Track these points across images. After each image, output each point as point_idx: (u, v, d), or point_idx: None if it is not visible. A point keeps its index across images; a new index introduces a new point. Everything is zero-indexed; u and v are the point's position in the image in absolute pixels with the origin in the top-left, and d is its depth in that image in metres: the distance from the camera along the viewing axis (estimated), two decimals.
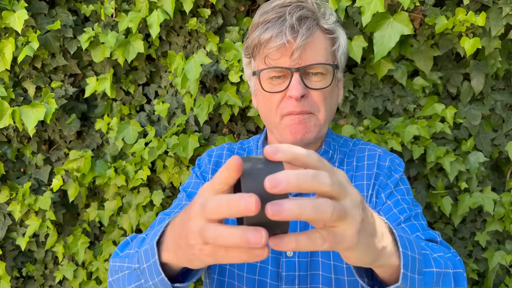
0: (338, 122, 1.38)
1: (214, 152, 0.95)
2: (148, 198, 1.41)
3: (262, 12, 0.80)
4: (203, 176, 0.91)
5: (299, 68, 0.76)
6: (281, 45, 0.74)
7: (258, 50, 0.80)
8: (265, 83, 0.81)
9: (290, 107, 0.78)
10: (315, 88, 0.78)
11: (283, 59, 0.76)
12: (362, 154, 0.90)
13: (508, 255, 1.36)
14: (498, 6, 1.18)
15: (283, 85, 0.78)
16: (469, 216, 1.41)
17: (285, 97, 0.79)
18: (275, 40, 0.75)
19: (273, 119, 0.82)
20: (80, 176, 1.40)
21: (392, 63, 1.28)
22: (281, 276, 0.79)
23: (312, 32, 0.76)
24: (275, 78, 0.79)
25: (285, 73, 0.78)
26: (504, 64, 1.29)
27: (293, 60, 0.76)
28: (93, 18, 1.41)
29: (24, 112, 1.33)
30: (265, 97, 0.82)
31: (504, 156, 1.37)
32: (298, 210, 0.36)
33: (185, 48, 1.41)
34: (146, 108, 1.46)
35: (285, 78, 0.79)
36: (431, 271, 0.57)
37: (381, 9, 1.13)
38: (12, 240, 1.49)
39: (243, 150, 0.96)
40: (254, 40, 0.79)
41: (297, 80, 0.76)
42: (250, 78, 0.88)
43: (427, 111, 1.31)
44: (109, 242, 1.47)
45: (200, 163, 0.95)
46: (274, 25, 0.76)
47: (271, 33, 0.75)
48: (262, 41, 0.77)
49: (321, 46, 0.79)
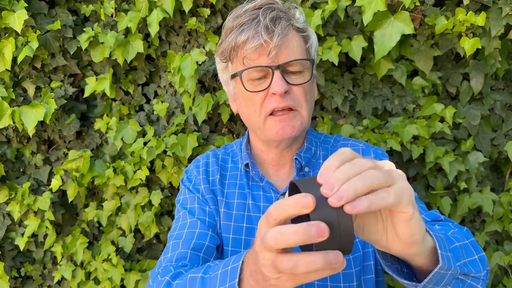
0: (337, 122, 1.38)
1: (201, 161, 0.95)
2: (146, 198, 1.41)
3: (234, 16, 0.82)
4: (196, 189, 0.91)
5: (279, 65, 0.77)
6: (258, 45, 0.76)
7: (235, 53, 0.81)
8: (246, 84, 0.81)
9: (274, 103, 0.79)
10: (296, 84, 0.80)
11: (262, 59, 0.78)
12: None
13: (506, 256, 1.35)
14: (498, 6, 1.18)
15: (264, 84, 0.80)
16: (468, 217, 1.41)
17: (267, 95, 0.80)
18: (252, 41, 0.76)
19: (257, 119, 0.82)
20: (79, 176, 1.40)
21: (391, 63, 1.28)
22: None
23: (287, 32, 0.78)
24: (256, 79, 0.80)
25: (266, 72, 0.79)
26: (504, 64, 1.29)
27: (271, 59, 0.77)
28: (93, 18, 1.41)
29: (24, 112, 1.33)
30: (247, 98, 0.82)
31: (504, 156, 1.37)
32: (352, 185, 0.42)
33: (185, 48, 1.41)
34: (145, 107, 1.46)
35: (265, 78, 0.80)
36: (455, 246, 0.61)
37: (382, 8, 1.13)
38: (11, 240, 1.49)
39: (227, 155, 0.97)
40: (230, 44, 0.80)
41: (279, 77, 0.77)
42: (228, 82, 0.89)
43: (427, 111, 1.31)
44: (108, 242, 1.46)
45: (189, 176, 0.94)
46: (249, 27, 0.78)
47: (247, 34, 0.77)
48: (239, 43, 0.78)
49: (296, 43, 0.81)
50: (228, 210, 0.87)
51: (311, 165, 0.88)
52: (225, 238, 0.85)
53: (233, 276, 0.56)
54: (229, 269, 0.57)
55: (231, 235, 0.84)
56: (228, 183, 0.90)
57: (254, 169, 0.88)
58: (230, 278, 0.56)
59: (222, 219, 0.86)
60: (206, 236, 0.81)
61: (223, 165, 0.94)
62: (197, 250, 0.78)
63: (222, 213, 0.87)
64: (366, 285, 0.80)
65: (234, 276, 0.55)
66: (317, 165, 0.89)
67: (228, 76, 0.87)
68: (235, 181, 0.90)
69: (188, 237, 0.80)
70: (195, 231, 0.82)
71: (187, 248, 0.78)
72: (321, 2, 1.25)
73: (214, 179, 0.91)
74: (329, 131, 1.33)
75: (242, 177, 0.90)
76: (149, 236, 1.45)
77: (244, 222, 0.85)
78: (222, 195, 0.89)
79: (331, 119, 1.38)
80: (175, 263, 0.76)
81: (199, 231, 0.82)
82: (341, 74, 1.37)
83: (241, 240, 0.84)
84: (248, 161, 0.88)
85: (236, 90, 0.87)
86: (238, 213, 0.86)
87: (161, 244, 1.53)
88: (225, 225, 0.86)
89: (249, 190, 0.88)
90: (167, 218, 1.47)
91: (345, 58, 1.34)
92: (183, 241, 0.80)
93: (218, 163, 0.93)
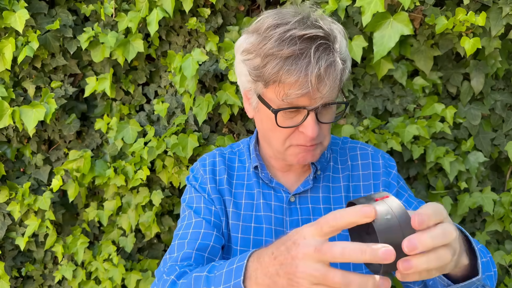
0: (338, 122, 1.38)
1: (207, 160, 0.94)
2: (147, 198, 1.41)
3: (278, 39, 0.69)
4: (202, 188, 0.90)
5: (316, 108, 0.71)
6: (306, 92, 0.68)
7: (274, 84, 0.71)
8: (278, 116, 0.74)
9: (301, 141, 0.75)
10: (326, 122, 0.76)
11: (303, 99, 0.70)
12: (354, 153, 0.92)
13: (507, 255, 1.35)
14: (498, 6, 1.18)
15: (295, 119, 0.74)
16: (468, 216, 1.41)
17: (296, 130, 0.75)
18: (300, 87, 0.68)
19: (279, 145, 0.79)
20: (79, 176, 1.40)
21: (392, 63, 1.28)
22: (285, 221, 0.84)
23: (335, 76, 0.70)
24: (288, 111, 0.73)
25: (301, 109, 0.73)
26: (504, 64, 1.29)
27: (312, 101, 0.71)
28: (93, 18, 1.41)
29: (24, 112, 1.33)
30: (274, 126, 0.76)
31: (504, 156, 1.37)
32: (425, 264, 0.45)
33: (185, 48, 1.41)
34: (145, 107, 1.46)
35: (298, 113, 0.74)
36: (483, 261, 0.66)
37: (381, 9, 1.13)
38: (11, 240, 1.49)
39: (234, 154, 0.96)
40: (271, 74, 0.69)
41: (313, 120, 0.72)
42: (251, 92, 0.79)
43: (427, 111, 1.31)
44: (109, 242, 1.47)
45: (196, 175, 0.93)
46: (298, 67, 0.67)
47: (295, 77, 0.67)
48: (284, 81, 0.69)
49: (336, 80, 0.72)
50: (237, 210, 0.87)
51: (323, 167, 0.89)
52: (233, 237, 0.85)
53: (238, 274, 0.58)
54: (234, 268, 0.59)
55: (240, 235, 0.85)
56: (236, 183, 0.91)
57: (264, 171, 0.89)
58: (235, 276, 0.58)
59: (231, 219, 0.87)
60: (211, 236, 0.82)
61: (230, 165, 0.94)
62: (202, 250, 0.79)
63: (230, 212, 0.87)
64: None
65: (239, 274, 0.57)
66: (327, 168, 0.90)
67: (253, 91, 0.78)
68: (243, 182, 0.91)
69: (193, 237, 0.81)
70: (200, 231, 0.82)
71: (192, 249, 0.78)
72: (322, 2, 1.25)
73: (222, 179, 0.91)
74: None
75: (250, 177, 0.90)
76: (150, 236, 1.45)
77: (252, 222, 0.86)
78: (230, 195, 0.89)
79: None
80: (180, 263, 0.77)
81: (204, 231, 0.82)
82: None
83: (250, 239, 0.85)
84: (258, 163, 0.89)
85: (259, 106, 0.79)
86: (246, 213, 0.87)
87: (162, 244, 1.53)
88: (234, 224, 0.86)
89: (259, 190, 0.88)
90: (168, 218, 1.47)
91: None
92: (188, 241, 0.80)
93: (225, 163, 0.93)
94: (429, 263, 0.45)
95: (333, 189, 0.88)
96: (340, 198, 0.87)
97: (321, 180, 0.88)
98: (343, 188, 0.87)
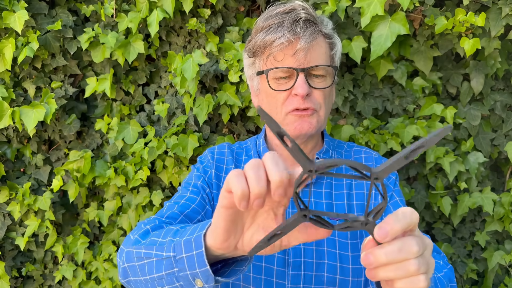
0: (338, 122, 1.38)
1: (216, 150, 0.98)
2: (147, 198, 1.41)
3: (265, 17, 0.86)
4: (205, 170, 0.92)
5: (304, 68, 0.81)
6: (284, 45, 0.80)
7: (262, 51, 0.85)
8: (271, 82, 0.85)
9: (295, 103, 0.83)
10: (318, 88, 0.84)
11: (287, 60, 0.82)
12: (359, 156, 0.96)
13: (507, 255, 1.36)
14: (498, 6, 1.18)
15: (288, 84, 0.84)
16: (468, 216, 1.42)
17: (290, 95, 0.84)
18: (279, 41, 0.80)
19: (277, 116, 0.86)
20: (80, 177, 1.40)
21: (391, 64, 1.28)
22: (288, 262, 0.82)
23: (315, 36, 0.82)
24: (281, 78, 0.84)
25: (291, 73, 0.83)
26: (504, 64, 1.29)
27: (297, 61, 0.81)
28: (93, 18, 1.41)
29: (24, 112, 1.33)
30: (270, 95, 0.86)
31: (504, 157, 1.37)
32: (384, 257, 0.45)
33: (185, 48, 1.41)
34: (146, 108, 1.46)
35: (289, 78, 0.84)
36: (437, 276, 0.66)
37: (380, 12, 1.14)
38: (11, 240, 1.49)
39: (241, 149, 0.99)
40: (257, 42, 0.85)
41: (303, 80, 0.82)
42: (253, 78, 0.92)
43: (426, 111, 1.32)
44: (109, 242, 1.47)
45: (202, 159, 0.97)
46: (278, 28, 0.82)
47: (275, 35, 0.81)
48: (267, 42, 0.82)
49: (322, 50, 0.85)
50: None
51: None
52: None
53: (203, 226, 0.56)
54: (202, 223, 0.59)
55: None
56: None
57: None
58: (200, 228, 0.57)
59: None
60: (199, 214, 0.82)
61: (237, 158, 0.97)
62: (189, 219, 0.79)
63: None
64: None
65: (204, 226, 0.56)
66: None
67: (254, 71, 0.91)
68: None
69: (184, 205, 0.81)
70: (191, 205, 0.82)
71: (181, 212, 0.78)
72: (321, 3, 1.25)
73: (229, 168, 0.93)
74: (329, 131, 1.33)
75: None
76: None
77: None
78: None
79: (331, 120, 1.38)
80: (165, 219, 0.76)
81: (194, 206, 0.82)
82: (341, 74, 1.37)
83: None
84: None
85: (260, 86, 0.90)
86: None
87: None
88: None
89: None
90: None
91: (345, 59, 1.34)
92: (178, 206, 0.80)
93: (233, 155, 0.96)
94: (390, 274, 0.45)
95: (335, 186, 0.90)
96: (342, 195, 0.89)
97: (325, 177, 0.90)
98: (345, 186, 0.90)
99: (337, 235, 0.83)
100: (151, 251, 0.62)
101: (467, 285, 1.44)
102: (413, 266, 0.44)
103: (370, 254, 0.45)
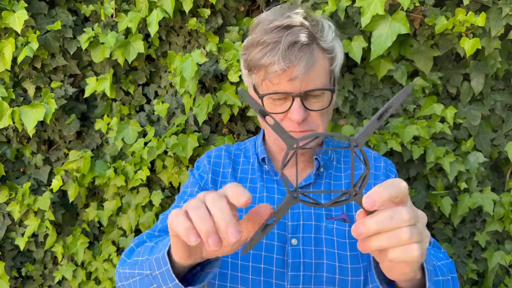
0: (338, 122, 1.38)
1: (213, 153, 0.98)
2: (147, 198, 1.41)
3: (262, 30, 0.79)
4: (201, 176, 0.92)
5: (300, 94, 0.77)
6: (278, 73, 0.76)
7: (258, 70, 0.80)
8: (266, 102, 0.82)
9: (290, 127, 0.80)
10: (315, 110, 0.81)
11: (283, 84, 0.77)
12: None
13: (507, 255, 1.36)
14: (498, 6, 1.18)
15: (284, 106, 0.80)
16: (468, 216, 1.41)
17: (286, 117, 0.81)
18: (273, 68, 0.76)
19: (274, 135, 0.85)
20: (79, 177, 1.40)
21: (392, 63, 1.28)
22: (287, 263, 0.82)
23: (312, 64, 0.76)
24: (276, 99, 0.81)
25: (286, 95, 0.79)
26: (504, 64, 1.29)
27: (293, 87, 0.77)
28: (93, 18, 1.41)
29: (24, 112, 1.33)
30: None
31: (504, 157, 1.37)
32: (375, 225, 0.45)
33: (185, 48, 1.41)
34: (145, 108, 1.46)
35: (286, 100, 0.80)
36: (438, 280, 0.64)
37: (381, 11, 1.13)
38: (11, 240, 1.49)
39: (240, 150, 0.99)
40: (253, 60, 0.79)
41: (299, 105, 0.78)
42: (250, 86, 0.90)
43: (426, 111, 1.31)
44: (109, 242, 1.47)
45: (199, 164, 0.97)
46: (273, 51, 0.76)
47: (270, 59, 0.76)
48: (262, 65, 0.78)
49: (320, 68, 0.79)
50: None
51: (326, 166, 0.92)
52: None
53: (165, 246, 0.60)
54: (166, 240, 0.62)
55: None
56: (240, 176, 0.93)
57: (270, 164, 0.91)
58: (163, 246, 0.60)
59: None
60: None
61: (235, 160, 0.96)
62: None
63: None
64: (372, 279, 0.83)
65: (166, 245, 0.60)
66: (330, 166, 0.93)
67: (250, 82, 0.87)
68: (246, 176, 0.92)
69: None
70: None
71: None
72: (321, 3, 1.25)
73: (226, 172, 0.93)
74: (329, 131, 1.33)
75: (254, 171, 0.92)
76: None
77: None
78: None
79: (331, 120, 1.38)
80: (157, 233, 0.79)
81: None
82: (341, 74, 1.37)
83: None
84: (265, 156, 0.91)
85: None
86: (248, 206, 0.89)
87: None
88: None
89: (262, 183, 0.90)
90: None
91: (345, 59, 1.34)
92: None
93: (230, 157, 0.96)
94: (382, 243, 0.45)
95: (334, 187, 0.90)
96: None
97: (324, 177, 0.90)
98: (344, 186, 0.90)
99: (335, 235, 0.83)
100: (134, 270, 0.66)
101: (467, 285, 1.44)
102: (405, 234, 0.44)
103: (361, 224, 0.45)
